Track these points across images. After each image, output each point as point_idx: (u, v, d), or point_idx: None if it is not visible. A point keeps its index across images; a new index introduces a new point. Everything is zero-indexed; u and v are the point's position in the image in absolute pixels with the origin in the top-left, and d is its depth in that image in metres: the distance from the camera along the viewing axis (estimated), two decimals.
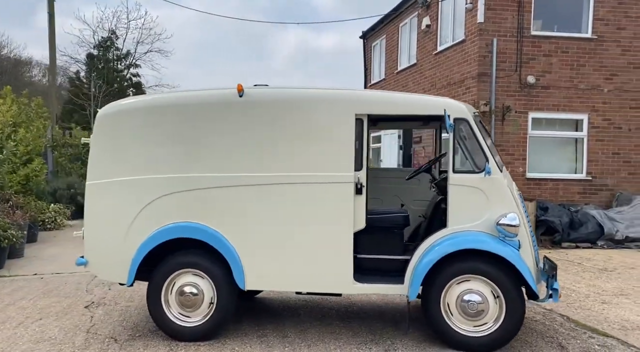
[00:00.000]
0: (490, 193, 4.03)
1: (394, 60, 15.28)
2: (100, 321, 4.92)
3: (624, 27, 11.33)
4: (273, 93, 4.34)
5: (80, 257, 4.63)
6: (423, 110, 4.21)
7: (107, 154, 4.42)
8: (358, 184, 4.10)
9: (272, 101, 4.27)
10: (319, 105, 4.20)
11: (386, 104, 4.26)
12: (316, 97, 4.27)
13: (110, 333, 4.55)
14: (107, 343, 4.30)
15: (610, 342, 4.23)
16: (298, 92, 4.33)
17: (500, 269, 3.91)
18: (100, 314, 5.17)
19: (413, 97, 4.38)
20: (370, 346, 4.16)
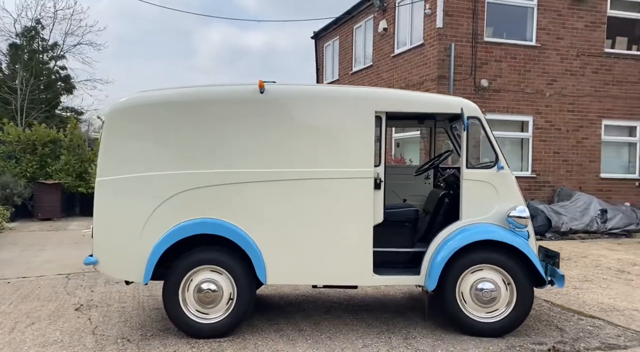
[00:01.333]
0: (500, 187, 4.34)
1: (349, 61, 15.60)
2: (102, 323, 4.75)
3: (562, 37, 12.32)
4: (294, 90, 4.40)
5: (88, 256, 4.46)
6: (439, 109, 4.45)
7: (121, 149, 4.29)
8: (377, 179, 4.26)
9: (293, 98, 4.33)
10: (340, 103, 4.32)
11: (404, 102, 4.45)
12: (337, 94, 4.38)
13: (119, 334, 4.41)
14: (121, 344, 4.17)
15: (599, 323, 4.69)
16: (319, 89, 4.44)
17: (511, 258, 4.22)
18: (96, 316, 4.98)
19: (429, 96, 4.60)
20: (389, 335, 4.34)
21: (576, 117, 12.60)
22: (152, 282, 6.23)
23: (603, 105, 12.91)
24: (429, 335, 4.32)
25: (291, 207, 4.25)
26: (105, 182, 4.29)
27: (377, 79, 13.64)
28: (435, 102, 4.46)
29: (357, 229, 4.25)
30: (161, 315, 5.00)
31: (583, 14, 12.48)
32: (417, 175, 5.27)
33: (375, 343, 4.13)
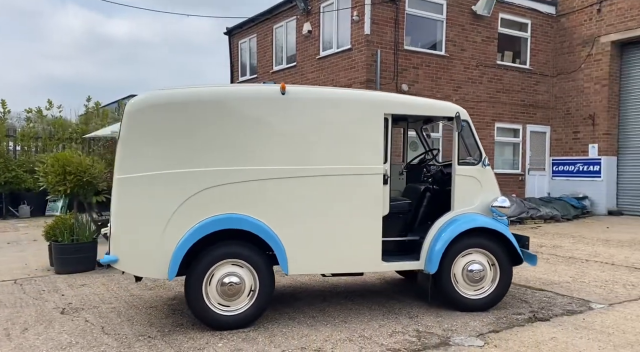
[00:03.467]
0: (483, 181, 5.06)
1: (269, 60, 15.83)
2: (105, 324, 4.63)
3: (466, 49, 13.85)
4: (312, 91, 4.72)
5: (105, 254, 4.34)
6: (438, 112, 5.04)
7: (142, 147, 4.26)
8: (385, 175, 4.74)
9: (312, 100, 4.63)
10: (354, 105, 4.71)
11: (408, 106, 4.96)
12: (352, 97, 4.77)
13: (135, 332, 4.38)
14: (145, 341, 4.17)
15: (550, 295, 5.65)
16: (335, 92, 4.79)
17: (495, 242, 4.96)
18: (92, 318, 4.83)
19: (429, 101, 5.14)
20: (395, 315, 4.85)
21: (475, 120, 14.22)
22: (124, 282, 6.15)
23: (496, 110, 14.74)
24: (428, 313, 4.90)
25: (310, 202, 4.55)
26: (127, 180, 4.24)
27: (301, 79, 14.09)
28: (434, 107, 5.05)
29: (369, 221, 4.69)
30: (163, 312, 5.00)
31: (481, 30, 14.13)
32: (406, 171, 5.84)
33: (388, 323, 4.61)
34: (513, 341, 4.12)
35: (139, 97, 4.38)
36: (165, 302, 5.36)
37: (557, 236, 10.58)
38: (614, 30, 15.08)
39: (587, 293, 5.74)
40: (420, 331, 4.38)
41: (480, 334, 4.30)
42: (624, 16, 14.76)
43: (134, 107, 4.30)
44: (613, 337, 4.25)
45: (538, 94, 15.63)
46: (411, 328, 4.46)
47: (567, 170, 16.07)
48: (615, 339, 4.19)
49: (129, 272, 4.38)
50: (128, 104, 4.33)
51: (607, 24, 15.21)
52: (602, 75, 15.31)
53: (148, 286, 6.10)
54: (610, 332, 4.36)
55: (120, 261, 4.26)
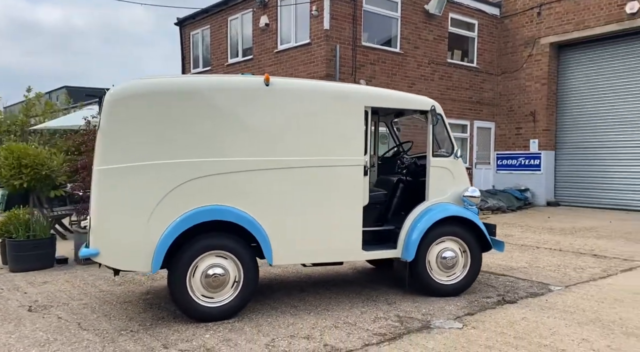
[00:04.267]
0: (455, 172, 5.30)
1: (223, 52, 15.60)
2: (81, 320, 4.50)
3: (419, 47, 14.27)
4: (297, 84, 4.75)
5: (84, 248, 4.21)
6: (414, 106, 5.20)
7: (124, 138, 4.15)
8: (366, 167, 4.87)
9: (295, 91, 4.67)
10: (337, 98, 4.79)
11: (386, 99, 5.10)
12: (334, 90, 4.84)
13: (115, 327, 4.28)
14: (128, 335, 4.08)
15: (512, 279, 6.00)
16: (319, 85, 4.84)
17: (466, 230, 5.22)
18: (64, 314, 4.68)
19: (406, 95, 5.29)
20: (374, 302, 5.00)
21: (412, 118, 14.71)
22: (90, 278, 5.96)
23: (446, 107, 15.25)
24: (405, 299, 5.09)
25: (294, 193, 4.61)
26: (108, 171, 4.12)
27: (259, 72, 14.00)
28: (411, 100, 5.22)
29: (351, 211, 4.81)
30: (140, 307, 4.91)
31: (432, 28, 14.60)
32: (381, 163, 5.99)
33: (369, 309, 4.75)
34: (489, 322, 4.38)
35: (120, 86, 4.26)
36: (140, 297, 5.25)
37: (506, 226, 11.16)
38: (552, 33, 16.00)
39: (545, 277, 6.14)
40: (401, 316, 4.55)
41: (457, 317, 4.53)
42: (561, 20, 15.70)
43: (115, 96, 4.18)
44: (575, 315, 4.60)
45: (484, 91, 16.35)
46: (392, 314, 4.63)
47: (510, 164, 16.93)
48: (577, 317, 4.54)
49: (110, 265, 4.26)
50: (108, 94, 4.20)
51: (546, 27, 16.11)
52: (541, 75, 16.22)
53: (117, 282, 5.93)
54: (572, 311, 4.71)
55: (101, 254, 4.14)
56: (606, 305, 4.93)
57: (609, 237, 9.49)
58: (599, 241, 9.03)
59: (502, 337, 3.99)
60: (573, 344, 3.84)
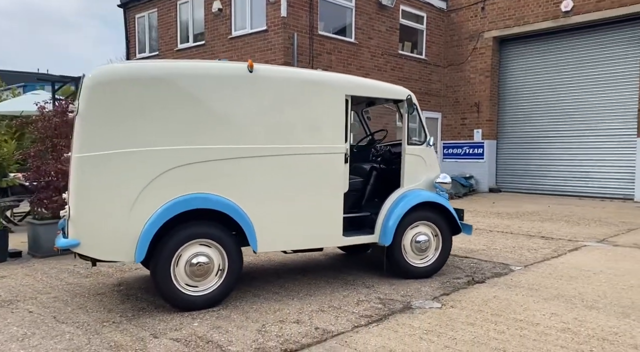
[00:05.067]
0: (427, 160, 5.50)
1: (172, 37, 15.12)
2: (57, 313, 4.34)
3: (372, 37, 14.50)
4: (280, 71, 4.74)
5: (62, 238, 4.04)
6: (392, 95, 5.33)
7: (106, 124, 4.01)
8: (346, 154, 4.96)
9: (278, 79, 4.66)
10: (318, 86, 4.83)
11: (366, 88, 5.19)
12: (316, 78, 4.87)
13: (96, 319, 4.16)
14: (111, 326, 3.98)
15: (475, 261, 6.33)
16: (301, 73, 4.85)
17: (438, 215, 5.44)
18: (35, 308, 4.50)
19: (384, 84, 5.40)
20: (353, 286, 5.13)
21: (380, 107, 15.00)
22: (51, 271, 5.72)
23: None
24: (381, 283, 5.26)
25: (278, 180, 4.63)
26: (89, 159, 3.97)
27: (212, 58, 13.71)
28: (388, 90, 5.34)
29: (332, 198, 4.89)
30: (116, 299, 4.79)
31: (385, 19, 14.87)
32: (355, 151, 6.09)
33: (350, 293, 4.88)
34: (465, 301, 4.62)
35: (100, 69, 4.09)
36: (113, 289, 5.10)
37: None
38: (495, 27, 16.73)
39: (504, 258, 6.52)
40: (382, 298, 4.70)
41: (434, 298, 4.74)
42: (503, 15, 16.43)
43: (96, 80, 4.01)
44: (539, 292, 4.94)
45: (432, 82, 16.87)
46: (373, 296, 4.78)
47: (456, 153, 17.64)
48: (542, 294, 4.88)
49: (91, 256, 4.11)
50: (88, 78, 4.02)
51: (489, 21, 16.82)
52: (485, 68, 16.95)
53: (82, 274, 5.72)
54: (536, 289, 5.06)
55: (82, 244, 3.99)
56: (564, 282, 5.32)
57: (551, 220, 10.16)
58: (543, 224, 9.65)
59: (481, 315, 4.23)
60: (544, 318, 4.14)
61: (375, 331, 3.87)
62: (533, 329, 3.88)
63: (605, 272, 5.72)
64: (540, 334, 3.77)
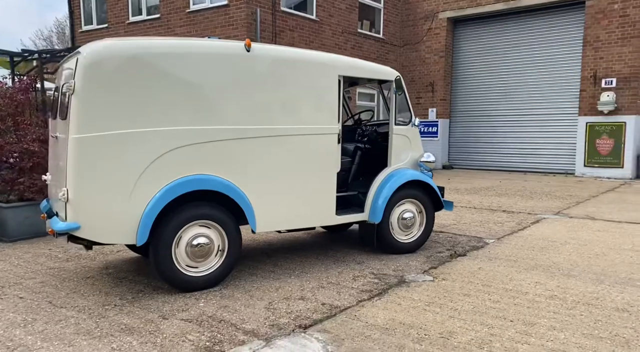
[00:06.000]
0: (412, 139, 5.68)
1: (123, 9, 14.41)
2: (52, 298, 4.22)
3: (333, 15, 14.48)
4: (277, 51, 4.71)
5: (60, 222, 3.91)
6: (382, 76, 5.42)
7: (105, 103, 3.86)
8: (339, 134, 5.04)
9: (275, 59, 4.63)
10: (314, 66, 4.85)
11: (357, 68, 5.24)
12: (312, 58, 4.88)
13: (96, 303, 4.09)
14: (115, 309, 3.93)
15: (451, 235, 6.64)
16: (297, 52, 4.83)
17: (422, 192, 5.66)
18: (25, 294, 4.36)
19: (374, 65, 5.45)
20: (345, 263, 5.27)
21: None
22: (25, 256, 5.52)
23: None
24: (370, 258, 5.44)
25: (276, 161, 4.65)
26: (87, 140, 3.82)
27: (168, 33, 13.23)
28: (378, 71, 5.42)
29: (326, 178, 4.97)
30: (108, 282, 4.72)
31: None
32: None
33: (344, 269, 5.02)
34: (454, 274, 4.88)
35: (97, 46, 3.91)
36: (101, 272, 4.99)
37: None
38: (449, 8, 17.13)
39: (476, 231, 6.89)
40: (375, 274, 4.89)
41: (424, 271, 4.98)
42: None
43: (93, 57, 3.84)
44: (518, 263, 5.29)
45: (389, 62, 17.10)
46: (367, 272, 4.95)
47: None
48: (521, 264, 5.23)
49: (92, 239, 4.00)
50: (84, 55, 3.84)
51: (444, 2, 17.19)
52: (439, 48, 17.38)
53: (62, 258, 5.54)
54: (514, 260, 5.41)
55: (82, 228, 3.88)
56: (537, 253, 5.72)
57: (507, 195, 10.74)
58: (500, 199, 10.19)
59: (473, 286, 4.50)
60: (531, 287, 4.47)
61: (379, 304, 4.04)
62: (524, 297, 4.18)
63: (571, 243, 6.19)
64: (532, 301, 4.07)
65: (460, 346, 3.22)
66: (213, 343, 3.33)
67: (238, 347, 3.26)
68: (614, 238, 6.46)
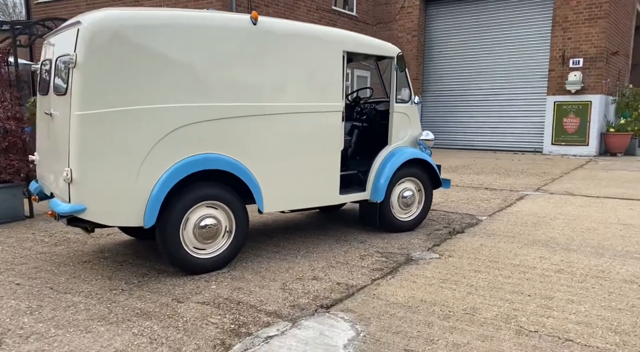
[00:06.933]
0: (412, 117, 5.65)
1: None
2: (52, 283, 4.02)
3: None
4: (284, 24, 4.55)
5: (62, 204, 3.69)
6: (384, 52, 5.32)
7: (109, 78, 3.62)
8: (343, 112, 4.95)
9: (282, 33, 4.47)
10: (320, 41, 4.71)
11: (361, 44, 5.12)
12: (318, 33, 4.74)
13: (102, 287, 3.91)
14: (123, 294, 3.77)
15: (443, 213, 6.71)
16: (304, 27, 4.68)
17: (421, 170, 5.67)
18: (22, 280, 4.13)
19: (376, 40, 5.33)
20: (348, 242, 5.24)
21: None
22: (8, 240, 5.25)
23: None
24: (374, 237, 5.42)
25: (282, 139, 4.53)
26: (92, 116, 3.60)
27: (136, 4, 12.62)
28: (381, 47, 5.32)
29: (331, 157, 4.89)
30: (108, 266, 4.54)
31: None
32: None
33: (349, 249, 4.99)
34: (458, 251, 4.93)
35: (99, 16, 3.64)
36: (97, 256, 4.78)
37: None
38: None
39: (466, 209, 6.99)
40: (382, 252, 4.88)
41: (428, 249, 5.01)
42: None
43: (97, 28, 3.58)
44: (517, 239, 5.39)
45: None
46: (372, 251, 4.93)
47: None
48: (521, 240, 5.33)
49: (98, 221, 3.79)
50: (86, 26, 3.57)
51: None
52: (412, 27, 17.38)
53: (49, 243, 5.28)
54: (512, 236, 5.52)
55: (88, 210, 3.67)
56: (531, 228, 5.85)
57: (484, 173, 10.95)
58: (479, 176, 10.38)
59: (481, 262, 4.56)
60: (536, 262, 4.57)
61: (395, 282, 4.04)
62: (533, 272, 4.27)
63: (560, 218, 6.36)
64: (542, 276, 4.16)
65: (488, 322, 3.26)
66: (238, 325, 3.24)
67: (265, 329, 3.19)
68: (599, 213, 6.68)
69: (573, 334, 3.05)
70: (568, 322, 3.23)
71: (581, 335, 3.03)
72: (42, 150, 4.54)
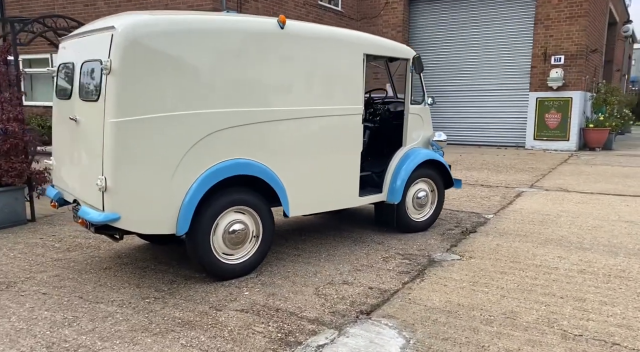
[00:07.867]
0: (424, 118, 5.70)
1: None
2: (80, 292, 3.93)
3: None
4: (309, 28, 4.51)
5: (94, 212, 3.60)
6: (401, 54, 5.34)
7: (144, 86, 3.54)
8: (362, 115, 4.96)
9: (308, 36, 4.43)
10: (343, 44, 4.69)
11: (379, 46, 5.11)
12: (340, 36, 4.70)
13: (134, 296, 3.85)
14: (157, 303, 3.71)
15: (449, 212, 6.79)
16: (327, 30, 4.65)
17: (434, 171, 5.73)
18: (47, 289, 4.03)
19: (393, 43, 5.34)
20: (366, 243, 5.26)
21: None
22: (19, 246, 5.10)
23: None
24: (390, 238, 5.46)
25: (307, 143, 4.51)
26: (127, 124, 3.51)
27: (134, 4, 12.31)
28: (398, 49, 5.33)
29: (352, 159, 4.90)
30: (132, 273, 4.47)
31: None
32: None
33: (369, 251, 5.01)
34: (477, 252, 5.02)
35: (135, 21, 3.53)
36: (116, 262, 4.69)
37: None
38: None
39: (470, 207, 7.11)
40: (403, 254, 4.93)
41: (447, 250, 5.08)
42: None
43: (132, 34, 3.47)
44: (530, 238, 5.51)
45: None
46: (393, 252, 4.98)
47: None
48: (534, 239, 5.45)
49: (132, 230, 3.72)
50: (121, 32, 3.46)
51: None
52: (397, 23, 17.45)
53: (61, 249, 5.15)
54: (524, 235, 5.64)
55: (123, 218, 3.59)
56: (539, 227, 5.98)
57: (475, 169, 11.13)
58: (471, 173, 10.56)
59: (503, 263, 4.65)
60: (555, 261, 4.69)
61: (426, 286, 4.08)
62: (557, 272, 4.38)
63: (563, 216, 6.54)
64: (567, 276, 4.28)
65: (531, 326, 3.34)
66: (284, 334, 3.24)
67: (313, 337, 3.19)
68: (598, 210, 6.89)
69: (617, 337, 3.16)
70: (609, 325, 3.34)
71: (626, 338, 3.14)
72: (62, 156, 4.41)
